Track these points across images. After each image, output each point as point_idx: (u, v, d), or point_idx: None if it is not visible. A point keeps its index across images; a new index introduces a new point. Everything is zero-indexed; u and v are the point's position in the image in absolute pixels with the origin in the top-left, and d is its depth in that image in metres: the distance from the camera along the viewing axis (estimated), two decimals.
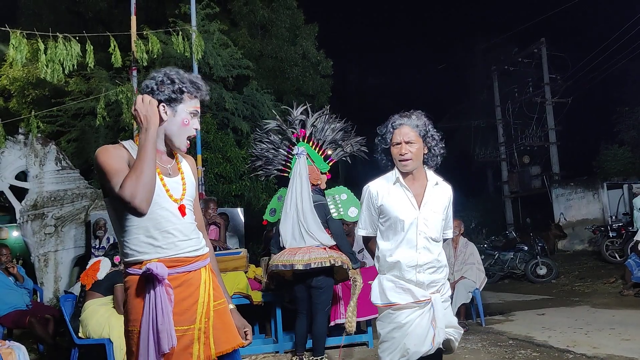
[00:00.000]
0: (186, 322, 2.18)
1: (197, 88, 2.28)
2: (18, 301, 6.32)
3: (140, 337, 2.11)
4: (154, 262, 2.13)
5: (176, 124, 2.25)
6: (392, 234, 2.86)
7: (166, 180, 2.23)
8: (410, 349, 2.74)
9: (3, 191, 8.92)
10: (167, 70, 2.28)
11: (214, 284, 2.34)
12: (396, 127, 2.87)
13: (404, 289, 2.78)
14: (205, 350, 2.21)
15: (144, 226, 2.16)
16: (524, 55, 21.47)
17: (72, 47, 6.17)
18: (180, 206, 2.25)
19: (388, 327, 2.82)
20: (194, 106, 2.29)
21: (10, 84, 11.99)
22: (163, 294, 2.11)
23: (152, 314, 2.10)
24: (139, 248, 2.18)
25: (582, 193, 16.63)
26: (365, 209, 2.97)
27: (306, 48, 14.80)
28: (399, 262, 2.80)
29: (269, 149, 5.95)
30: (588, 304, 8.48)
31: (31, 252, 8.92)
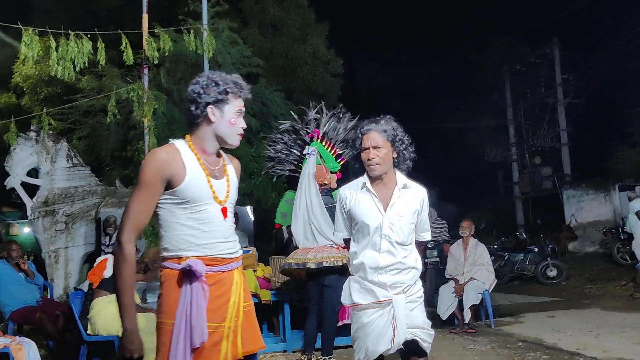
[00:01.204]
0: (217, 319, 2.27)
1: (240, 88, 2.39)
2: (28, 297, 6.36)
3: (174, 330, 2.19)
4: (194, 259, 2.23)
5: (224, 123, 2.36)
6: (360, 237, 2.97)
7: (213, 181, 2.34)
8: (369, 348, 2.84)
9: (15, 187, 8.98)
10: (210, 74, 2.39)
11: (244, 286, 2.43)
12: (364, 132, 2.96)
13: (367, 290, 2.88)
14: (232, 349, 2.29)
15: (189, 224, 2.28)
16: (536, 55, 21.32)
17: (83, 45, 6.19)
18: (223, 208, 2.35)
19: (354, 327, 2.96)
20: (239, 105, 2.39)
21: (23, 81, 12.07)
22: (199, 290, 2.21)
23: (187, 309, 2.19)
24: (180, 244, 2.28)
25: (594, 194, 16.48)
26: (339, 212, 3.08)
27: (316, 47, 14.76)
28: (363, 263, 2.89)
29: (283, 149, 5.96)
30: (598, 307, 8.42)
31: (42, 249, 8.97)
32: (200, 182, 2.29)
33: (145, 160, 2.28)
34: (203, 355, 2.22)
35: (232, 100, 2.36)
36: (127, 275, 2.22)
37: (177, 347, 2.18)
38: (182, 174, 2.26)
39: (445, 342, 6.37)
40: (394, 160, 2.96)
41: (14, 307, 6.20)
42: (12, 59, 11.62)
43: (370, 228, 2.88)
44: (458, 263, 7.29)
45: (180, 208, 2.28)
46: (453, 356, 5.67)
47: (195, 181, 2.27)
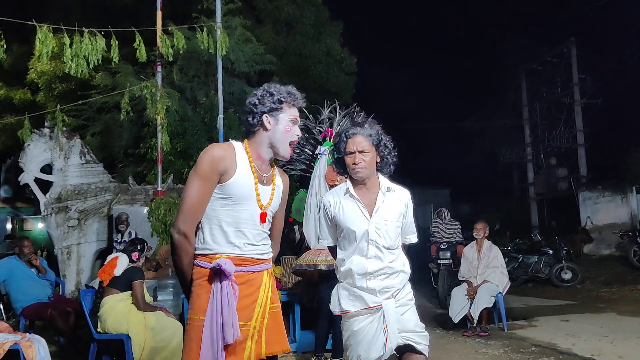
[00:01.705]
0: (244, 318, 2.35)
1: (294, 97, 2.52)
2: (40, 293, 6.38)
3: (204, 327, 2.29)
4: (223, 258, 2.33)
5: (279, 131, 2.47)
6: (346, 243, 2.93)
7: (259, 186, 2.46)
8: (361, 355, 2.81)
9: (28, 183, 9.03)
10: (266, 86, 2.54)
11: (273, 287, 2.52)
12: (349, 136, 2.93)
13: (356, 296, 2.85)
14: (256, 348, 2.38)
15: (227, 220, 2.39)
16: (553, 54, 21.08)
17: (97, 41, 6.21)
18: (263, 213, 2.46)
19: (345, 335, 2.92)
20: (293, 114, 2.51)
21: (39, 78, 12.14)
22: (229, 288, 2.30)
23: (218, 306, 2.28)
24: (214, 239, 2.39)
25: (610, 196, 16.27)
26: (323, 219, 3.04)
27: (330, 45, 14.71)
28: (350, 269, 2.86)
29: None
30: (614, 311, 8.28)
31: (54, 245, 9.01)
32: (246, 182, 2.41)
33: (204, 153, 2.40)
34: (229, 351, 2.30)
35: (286, 109, 2.48)
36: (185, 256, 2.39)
37: (210, 343, 2.26)
38: (232, 171, 2.38)
39: (457, 345, 6.30)
40: (377, 165, 2.94)
41: (25, 303, 6.22)
42: (28, 56, 11.69)
43: (356, 234, 2.86)
44: (471, 265, 7.20)
45: (223, 203, 2.39)
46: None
47: (242, 180, 2.39)
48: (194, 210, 2.37)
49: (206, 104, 11.06)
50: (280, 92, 2.49)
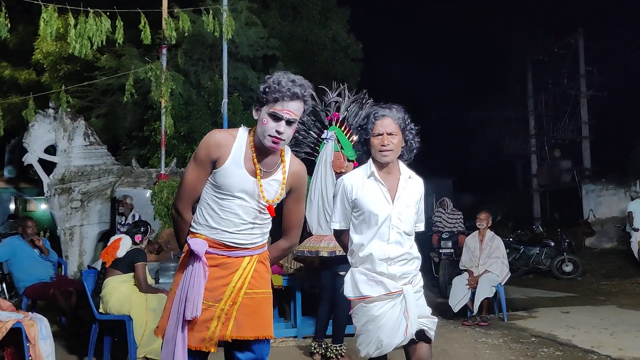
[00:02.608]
0: (212, 299, 2.39)
1: (282, 91, 2.34)
2: (42, 273, 6.41)
3: (174, 299, 2.39)
4: (197, 239, 2.39)
5: (258, 123, 2.40)
6: (365, 227, 2.89)
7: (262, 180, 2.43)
8: (383, 341, 2.80)
9: (32, 164, 9.04)
10: (276, 73, 2.42)
11: (256, 273, 2.47)
12: (378, 118, 2.89)
13: (376, 281, 2.83)
14: (221, 329, 2.39)
15: (212, 206, 2.42)
16: (560, 45, 20.93)
17: (102, 22, 6.17)
18: (269, 207, 2.45)
19: (362, 320, 2.87)
20: (275, 109, 2.35)
21: (44, 58, 12.11)
22: (199, 268, 2.35)
23: (187, 283, 2.36)
24: (200, 220, 2.46)
25: (614, 190, 16.22)
26: (339, 202, 2.99)
27: (336, 31, 14.63)
28: (371, 255, 2.84)
29: (300, 130, 5.87)
30: (615, 304, 8.30)
31: (57, 226, 9.04)
32: (236, 172, 2.38)
33: (204, 137, 2.43)
34: (192, 327, 2.37)
35: (270, 101, 2.36)
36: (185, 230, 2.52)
37: (175, 314, 2.36)
38: (223, 161, 2.38)
39: (457, 335, 6.32)
40: (402, 149, 2.93)
41: (28, 282, 6.25)
42: (34, 36, 11.65)
43: (378, 218, 2.83)
44: (473, 255, 7.21)
45: (213, 189, 2.42)
46: (465, 349, 5.62)
47: (230, 171, 2.38)
48: (187, 192, 2.45)
49: (211, 88, 11.03)
50: (269, 83, 2.38)
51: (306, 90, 2.40)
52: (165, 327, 2.41)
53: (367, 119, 2.93)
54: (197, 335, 2.38)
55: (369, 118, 2.92)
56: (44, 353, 4.44)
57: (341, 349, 5.12)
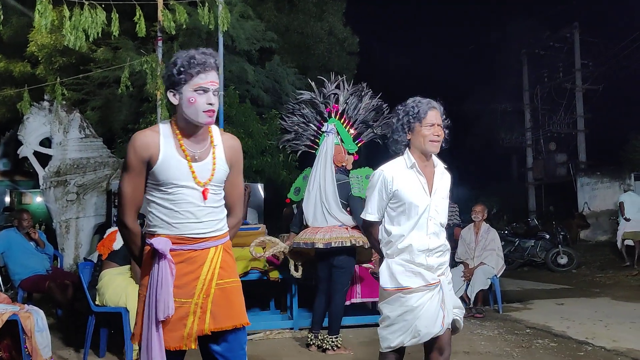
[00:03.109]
0: (184, 295, 2.35)
1: (194, 65, 2.30)
2: (38, 266, 6.40)
3: (145, 302, 2.35)
4: (159, 238, 2.34)
5: (185, 105, 2.33)
6: (404, 219, 2.90)
7: (194, 165, 2.37)
8: (421, 331, 2.82)
9: (27, 157, 9.00)
10: (173, 57, 2.37)
11: (223, 263, 2.45)
12: (430, 109, 2.91)
13: (414, 273, 2.85)
14: (199, 324, 2.36)
15: (162, 204, 2.37)
16: (555, 39, 20.96)
17: (97, 15, 6.13)
18: (204, 190, 2.38)
19: (399, 310, 2.87)
20: (198, 83, 2.32)
21: (39, 51, 12.03)
22: (165, 267, 2.30)
23: (154, 284, 2.31)
24: (155, 221, 2.39)
25: (609, 183, 16.31)
26: (377, 193, 2.97)
27: (333, 24, 14.60)
28: (410, 246, 2.86)
29: (300, 122, 5.86)
30: (609, 296, 8.35)
31: (53, 218, 9.02)
32: (174, 164, 2.34)
33: (129, 143, 2.36)
34: (169, 327, 2.32)
35: (188, 79, 2.31)
36: (138, 245, 2.49)
37: (147, 317, 2.32)
38: (156, 157, 2.33)
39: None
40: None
41: (24, 275, 6.24)
42: (28, 28, 11.58)
43: (418, 210, 2.86)
44: (469, 247, 7.24)
45: (156, 188, 2.37)
46: (460, 340, 5.64)
47: (168, 163, 2.33)
48: (129, 202, 2.39)
49: None
50: (179, 63, 2.31)
51: (217, 59, 2.39)
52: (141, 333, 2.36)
53: (419, 107, 2.92)
54: (174, 335, 2.34)
55: (421, 108, 2.91)
56: (40, 345, 4.45)
57: (337, 340, 5.14)
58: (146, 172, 2.36)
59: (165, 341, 2.32)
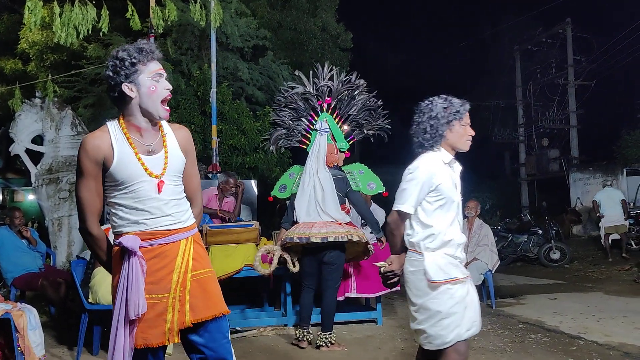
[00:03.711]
0: (161, 290, 2.33)
1: (146, 52, 2.32)
2: (31, 264, 6.37)
3: (115, 303, 2.31)
4: (127, 236, 2.30)
5: (144, 95, 2.32)
6: (442, 213, 2.91)
7: (145, 158, 2.34)
8: (476, 321, 2.88)
9: (19, 154, 8.95)
10: (113, 53, 2.35)
11: (196, 254, 2.43)
12: (467, 109, 2.99)
13: (455, 265, 2.89)
14: (179, 317, 2.33)
15: (124, 203, 2.33)
16: (548, 35, 21.02)
17: (88, 11, 6.09)
18: (159, 182, 2.35)
19: (449, 303, 2.82)
20: (153, 70, 2.34)
21: (30, 48, 11.95)
22: (135, 264, 2.27)
23: (124, 283, 2.27)
24: (119, 221, 2.36)
25: (601, 178, 16.38)
26: (420, 186, 2.89)
27: (326, 20, 14.58)
28: (452, 240, 2.89)
29: (292, 118, 5.83)
30: (601, 291, 8.40)
31: (45, 216, 8.97)
32: (129, 161, 2.31)
33: (79, 148, 2.32)
34: (148, 325, 2.30)
35: (142, 68, 2.31)
36: (102, 248, 2.46)
37: (117, 316, 2.28)
38: (110, 157, 2.30)
39: None
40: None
41: (16, 273, 6.22)
42: (19, 25, 11.50)
43: (455, 205, 2.94)
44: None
45: (115, 189, 2.34)
46: None
47: (123, 161, 2.30)
48: (89, 208, 2.35)
49: (199, 77, 10.97)
50: (130, 55, 2.30)
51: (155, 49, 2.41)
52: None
53: (460, 106, 2.98)
54: (156, 332, 2.31)
55: (462, 107, 2.98)
56: (33, 343, 4.44)
57: (331, 337, 5.14)
58: (101, 176, 2.33)
59: (147, 339, 2.30)
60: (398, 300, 7.47)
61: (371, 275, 5.97)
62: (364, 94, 5.83)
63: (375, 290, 6.01)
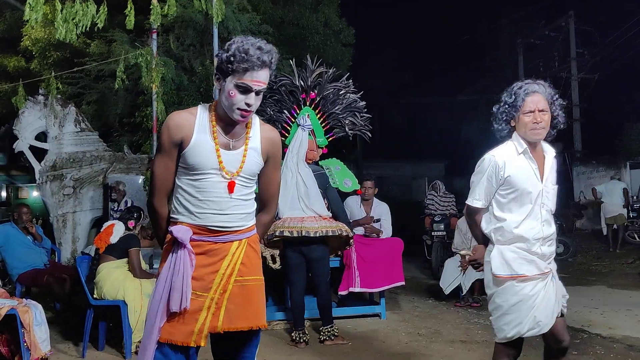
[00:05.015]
0: (201, 288, 2.23)
1: (245, 60, 2.14)
2: (36, 260, 6.41)
3: (155, 290, 2.25)
4: (180, 226, 2.24)
5: (224, 95, 2.22)
6: (516, 206, 2.81)
7: (223, 152, 2.25)
8: (542, 321, 2.75)
9: (23, 151, 8.98)
10: (236, 39, 2.22)
11: (246, 259, 2.31)
12: (529, 94, 2.82)
13: (528, 260, 2.78)
14: (212, 320, 2.22)
15: (188, 190, 2.26)
16: (551, 28, 20.93)
17: (88, 7, 6.10)
18: (230, 182, 2.26)
19: (513, 299, 2.77)
20: (244, 79, 2.17)
21: (33, 45, 11.98)
22: (185, 256, 2.20)
23: (170, 273, 2.20)
24: (178, 208, 2.30)
25: (604, 172, 16.36)
26: (486, 179, 2.88)
27: (328, 16, 14.54)
28: (526, 234, 2.78)
29: (274, 108, 5.82)
30: (605, 284, 8.40)
31: (50, 213, 9.01)
32: (204, 150, 2.22)
33: (164, 122, 2.28)
34: (179, 320, 2.21)
35: (234, 72, 2.17)
36: (163, 229, 2.38)
37: (157, 306, 2.20)
38: (188, 139, 2.22)
39: (450, 316, 6.39)
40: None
41: (21, 269, 6.25)
42: (22, 22, 11.52)
43: (531, 196, 2.79)
44: (465, 237, 7.26)
45: (185, 173, 2.27)
46: (457, 329, 5.69)
47: (199, 148, 2.22)
48: (159, 184, 2.31)
49: (202, 73, 10.97)
50: (233, 52, 2.16)
51: (273, 57, 2.23)
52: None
53: (515, 96, 2.85)
54: (183, 329, 2.20)
55: (519, 94, 2.84)
56: (39, 339, 4.47)
57: (333, 330, 5.16)
58: (177, 155, 2.26)
59: (172, 334, 2.19)
60: (402, 295, 7.49)
61: (375, 271, 5.99)
62: (351, 93, 5.83)
63: (378, 285, 6.03)
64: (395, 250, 6.18)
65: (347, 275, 5.99)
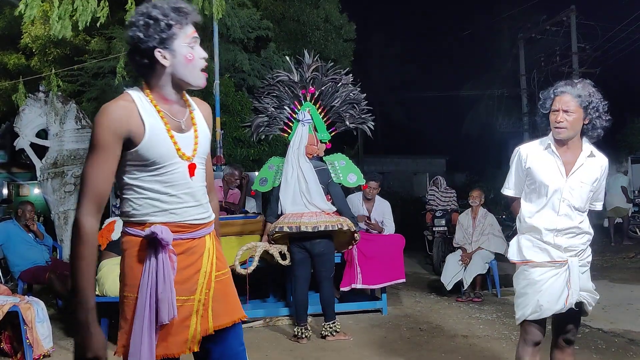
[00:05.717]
0: (186, 292, 2.01)
1: (185, 13, 1.96)
2: (38, 257, 6.42)
3: (137, 305, 1.94)
4: (159, 226, 1.94)
5: (180, 63, 1.97)
6: (535, 197, 2.98)
7: (177, 136, 2.00)
8: (543, 305, 2.88)
9: (24, 148, 8.99)
10: (144, 9, 1.94)
11: (218, 253, 2.14)
12: (557, 94, 2.92)
13: (541, 249, 2.92)
14: (202, 324, 2.04)
15: (154, 187, 1.97)
16: (552, 23, 20.86)
17: (88, 2, 6.06)
18: (190, 165, 2.02)
19: (522, 283, 2.98)
20: (189, 34, 1.98)
21: (32, 42, 11.97)
22: (166, 260, 1.94)
23: (152, 281, 1.93)
24: (144, 209, 1.98)
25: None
26: (515, 170, 3.08)
27: (329, 11, 14.51)
28: (539, 224, 2.92)
29: (274, 105, 5.80)
30: (606, 279, 8.38)
31: (51, 210, 9.02)
32: (161, 138, 1.95)
33: (97, 118, 1.91)
34: (170, 332, 1.99)
35: (179, 32, 1.95)
36: (86, 255, 1.88)
37: (142, 323, 1.92)
38: (140, 131, 1.92)
39: (452, 311, 6.39)
40: (584, 127, 2.92)
41: (23, 266, 6.27)
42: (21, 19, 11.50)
43: (548, 189, 2.91)
44: (466, 232, 7.26)
45: (143, 170, 1.96)
46: (459, 325, 5.69)
47: (156, 138, 1.94)
48: (92, 191, 1.89)
49: None
50: (165, 14, 1.92)
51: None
52: (128, 343, 1.95)
53: (548, 94, 2.97)
54: (177, 340, 2.00)
55: (550, 92, 2.96)
56: (41, 336, 4.49)
57: (335, 326, 5.17)
58: (120, 154, 1.93)
59: (168, 347, 1.99)
60: (403, 290, 7.49)
61: (376, 267, 6.00)
62: (349, 86, 5.79)
63: (380, 281, 6.04)
64: (396, 247, 6.18)
65: (348, 271, 5.99)
